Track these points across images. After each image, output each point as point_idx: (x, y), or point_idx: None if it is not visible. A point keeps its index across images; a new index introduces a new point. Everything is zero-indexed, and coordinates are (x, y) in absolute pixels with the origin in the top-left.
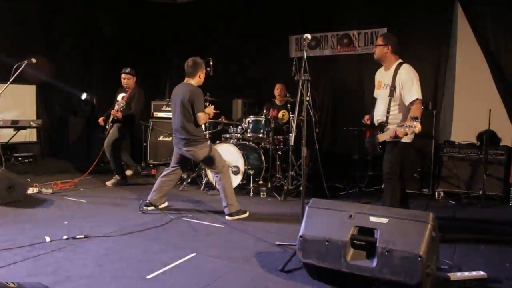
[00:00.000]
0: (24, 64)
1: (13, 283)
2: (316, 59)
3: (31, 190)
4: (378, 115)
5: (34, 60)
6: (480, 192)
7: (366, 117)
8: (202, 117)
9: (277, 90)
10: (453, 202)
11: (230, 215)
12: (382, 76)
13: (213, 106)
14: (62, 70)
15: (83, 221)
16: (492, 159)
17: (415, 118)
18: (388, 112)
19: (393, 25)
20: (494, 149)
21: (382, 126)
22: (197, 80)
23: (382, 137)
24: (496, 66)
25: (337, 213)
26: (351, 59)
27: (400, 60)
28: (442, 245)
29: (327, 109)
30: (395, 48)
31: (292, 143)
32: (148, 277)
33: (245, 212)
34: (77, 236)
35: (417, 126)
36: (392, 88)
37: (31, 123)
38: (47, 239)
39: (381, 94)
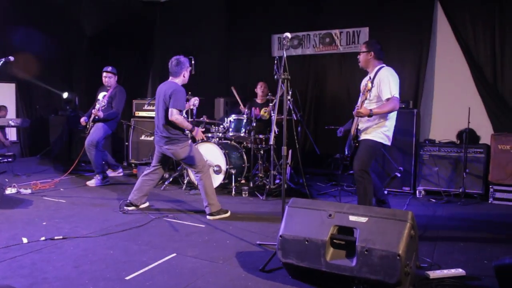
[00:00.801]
0: (1, 62)
1: None
2: (299, 58)
3: (9, 191)
4: None
5: (11, 58)
6: (460, 190)
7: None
8: (175, 113)
9: (260, 87)
10: (433, 200)
11: (211, 214)
12: (365, 81)
13: (197, 99)
14: (43, 68)
15: (62, 222)
16: (472, 157)
17: (371, 110)
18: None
19: (374, 24)
20: (474, 147)
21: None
22: (181, 79)
23: (353, 127)
24: (475, 65)
25: (316, 213)
26: (333, 58)
27: (382, 65)
28: (422, 243)
29: (309, 108)
30: (377, 54)
31: (271, 142)
32: (127, 278)
33: (226, 212)
34: (55, 237)
35: (360, 111)
36: (372, 86)
37: (10, 122)
38: (24, 240)
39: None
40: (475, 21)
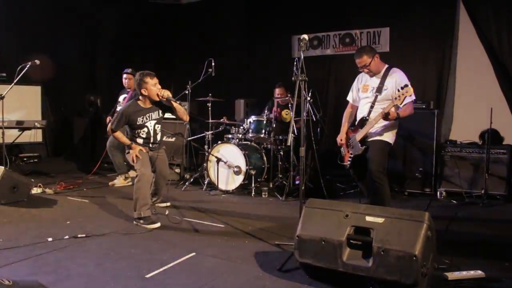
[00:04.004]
0: (28, 66)
1: (9, 281)
2: (318, 59)
3: (35, 190)
4: (362, 113)
5: (37, 62)
6: (482, 192)
7: (339, 138)
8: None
9: (277, 94)
10: (455, 201)
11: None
12: (368, 81)
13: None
14: (67, 71)
15: (85, 221)
16: (495, 158)
17: (398, 113)
18: (371, 107)
19: (395, 24)
20: (497, 148)
21: (363, 121)
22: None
23: (363, 131)
24: (499, 63)
25: (333, 213)
26: (353, 58)
27: (387, 65)
28: (442, 245)
29: (330, 108)
30: (378, 55)
31: (289, 143)
32: (147, 276)
33: (151, 223)
34: (79, 236)
35: (409, 90)
36: (382, 87)
37: (36, 123)
38: (49, 238)
39: (369, 96)
40: (499, 18)
